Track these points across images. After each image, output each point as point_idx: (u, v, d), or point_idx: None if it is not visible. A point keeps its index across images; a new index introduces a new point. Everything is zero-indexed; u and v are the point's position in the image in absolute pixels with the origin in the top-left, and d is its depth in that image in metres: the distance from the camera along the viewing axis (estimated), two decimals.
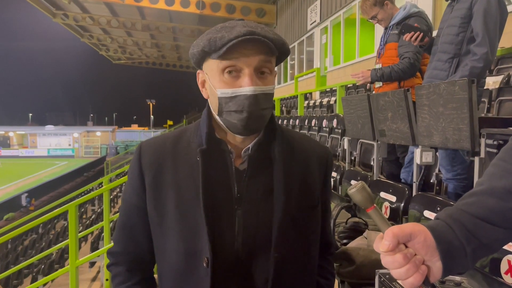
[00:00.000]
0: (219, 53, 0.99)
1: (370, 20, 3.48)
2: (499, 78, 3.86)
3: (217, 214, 1.05)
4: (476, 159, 2.26)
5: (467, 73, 2.55)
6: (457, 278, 1.37)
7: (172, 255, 1.08)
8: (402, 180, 3.25)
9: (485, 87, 3.73)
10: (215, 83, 1.04)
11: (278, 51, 1.04)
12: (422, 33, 2.90)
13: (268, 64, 1.03)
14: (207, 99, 1.13)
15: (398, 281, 1.37)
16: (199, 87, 1.13)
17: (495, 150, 2.20)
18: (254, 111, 1.01)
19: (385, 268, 0.71)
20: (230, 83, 1.02)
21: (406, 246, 0.70)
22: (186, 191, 1.07)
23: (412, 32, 2.93)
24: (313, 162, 1.16)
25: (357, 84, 3.75)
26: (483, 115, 3.42)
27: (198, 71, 1.12)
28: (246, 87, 1.00)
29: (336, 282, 2.12)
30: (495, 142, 2.24)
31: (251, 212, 1.06)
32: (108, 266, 1.21)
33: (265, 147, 1.10)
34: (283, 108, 11.50)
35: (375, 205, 0.76)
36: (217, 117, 1.08)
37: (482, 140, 2.24)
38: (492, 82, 3.86)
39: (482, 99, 3.62)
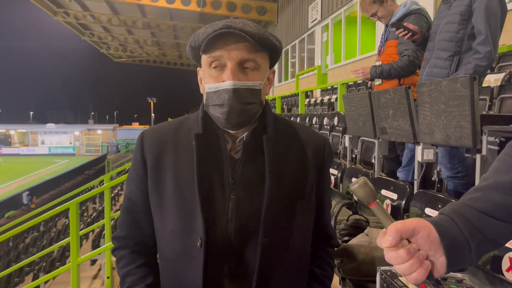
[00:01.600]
0: (202, 48, 1.05)
1: (371, 18, 3.47)
2: (501, 75, 3.85)
3: (211, 198, 1.08)
4: (478, 157, 2.26)
5: (471, 72, 2.53)
6: (459, 275, 1.37)
7: (169, 236, 1.12)
8: (403, 179, 3.24)
9: (487, 85, 3.74)
10: (205, 78, 1.10)
11: (263, 46, 1.06)
12: (410, 33, 2.93)
13: (252, 59, 1.06)
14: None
15: (400, 277, 1.37)
16: (199, 84, 1.15)
17: (496, 148, 2.20)
18: (234, 104, 1.04)
19: (387, 265, 0.71)
20: (216, 77, 1.06)
21: (410, 242, 0.70)
22: (184, 175, 1.10)
23: (401, 29, 2.95)
24: (309, 152, 1.18)
25: (358, 81, 3.75)
26: (484, 112, 3.41)
27: (198, 69, 1.16)
28: (226, 81, 1.04)
29: (338, 279, 2.12)
30: (497, 140, 2.24)
31: (244, 198, 1.09)
32: (113, 251, 1.24)
33: (259, 136, 1.12)
34: (284, 106, 11.50)
35: (377, 200, 0.76)
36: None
37: (484, 138, 2.23)
38: (493, 79, 3.86)
39: (484, 97, 3.62)
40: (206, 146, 1.11)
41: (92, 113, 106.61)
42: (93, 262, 7.07)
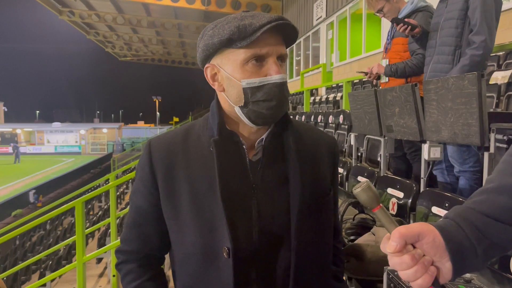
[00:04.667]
0: (249, 40, 0.98)
1: (377, 14, 3.45)
2: (508, 73, 3.81)
3: (234, 205, 1.05)
4: (486, 155, 2.23)
5: (467, 62, 2.59)
6: (467, 275, 1.36)
7: (189, 248, 1.08)
8: (442, 180, 3.08)
9: (494, 82, 3.71)
10: (236, 74, 1.03)
11: (294, 40, 1.07)
12: (410, 27, 2.95)
13: (286, 53, 1.06)
14: (215, 93, 1.12)
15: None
16: (209, 81, 1.10)
17: (505, 145, 2.17)
18: (282, 98, 1.03)
19: None
20: (255, 72, 1.02)
21: (414, 247, 0.68)
22: (200, 184, 1.06)
23: (401, 24, 2.98)
24: (323, 151, 1.17)
25: (368, 78, 3.71)
26: (491, 110, 3.38)
27: (206, 66, 1.09)
28: (275, 75, 1.01)
29: (344, 278, 2.11)
30: (505, 137, 2.21)
31: (266, 201, 1.07)
32: (117, 265, 1.18)
33: (278, 138, 1.11)
34: (289, 104, 11.47)
35: (381, 204, 0.74)
36: (237, 109, 1.06)
37: (492, 135, 2.20)
38: (500, 77, 3.81)
39: (491, 94, 3.58)
40: (224, 151, 1.07)
41: (98, 112, 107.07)
42: (99, 260, 7.11)
